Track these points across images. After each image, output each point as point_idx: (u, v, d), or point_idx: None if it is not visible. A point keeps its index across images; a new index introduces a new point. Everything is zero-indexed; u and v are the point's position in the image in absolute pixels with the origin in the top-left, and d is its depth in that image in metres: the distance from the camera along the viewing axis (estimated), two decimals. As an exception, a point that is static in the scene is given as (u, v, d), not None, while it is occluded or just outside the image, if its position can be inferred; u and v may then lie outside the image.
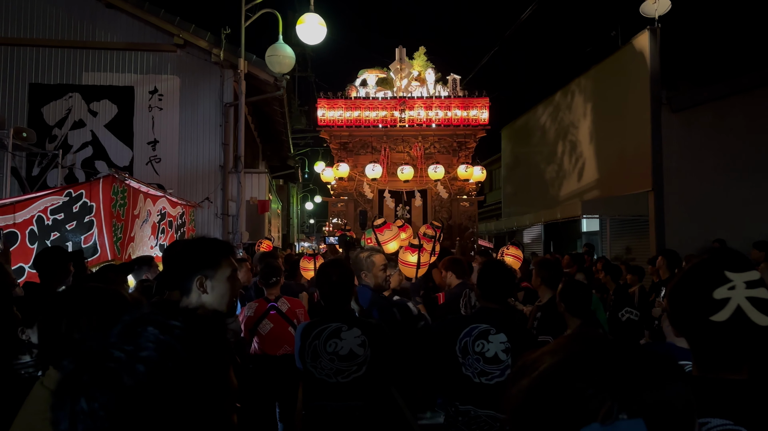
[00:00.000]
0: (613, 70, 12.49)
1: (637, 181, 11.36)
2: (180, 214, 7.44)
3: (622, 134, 11.92)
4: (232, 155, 10.56)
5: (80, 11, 10.29)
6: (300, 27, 9.52)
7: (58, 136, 10.12)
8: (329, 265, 3.06)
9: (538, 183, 15.78)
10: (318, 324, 2.88)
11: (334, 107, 9.96)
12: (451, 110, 10.35)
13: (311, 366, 2.81)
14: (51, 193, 5.00)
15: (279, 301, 4.51)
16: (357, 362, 2.78)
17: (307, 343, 2.84)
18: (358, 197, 10.56)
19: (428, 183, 10.53)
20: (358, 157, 10.55)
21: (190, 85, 10.53)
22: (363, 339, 2.80)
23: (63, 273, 3.73)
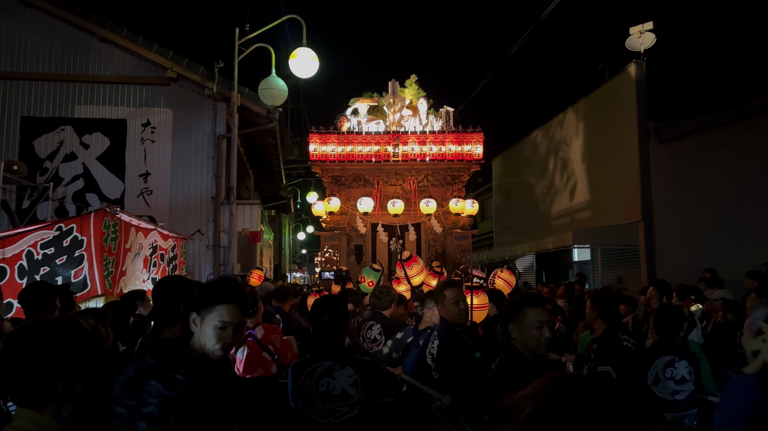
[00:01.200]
0: (601, 103, 12.70)
1: (627, 211, 11.45)
2: (171, 247, 7.41)
3: (612, 165, 12.06)
4: (224, 187, 10.57)
5: (74, 45, 10.38)
6: (293, 61, 9.64)
7: (50, 169, 10.11)
8: (321, 302, 3.00)
9: (530, 213, 15.87)
10: (310, 362, 2.81)
11: (326, 142, 9.99)
12: (446, 145, 10.38)
13: (303, 406, 2.74)
14: (41, 227, 4.97)
15: (256, 328, 4.73)
16: (350, 402, 2.71)
17: (299, 382, 2.76)
18: (350, 231, 10.52)
19: (422, 217, 10.53)
20: (350, 190, 10.55)
21: (183, 118, 10.59)
22: (356, 379, 2.74)
23: (48, 307, 3.68)
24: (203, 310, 1.96)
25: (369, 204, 9.92)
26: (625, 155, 11.58)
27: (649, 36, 11.64)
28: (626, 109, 11.60)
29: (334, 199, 9.97)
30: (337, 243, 10.61)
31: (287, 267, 25.33)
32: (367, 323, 4.85)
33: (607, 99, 12.46)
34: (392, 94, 10.56)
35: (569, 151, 13.91)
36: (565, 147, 14.12)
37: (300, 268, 31.95)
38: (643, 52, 11.62)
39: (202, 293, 2.02)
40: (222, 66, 10.43)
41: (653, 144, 11.23)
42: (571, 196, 13.70)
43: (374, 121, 10.66)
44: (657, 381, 3.64)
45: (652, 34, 11.65)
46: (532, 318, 2.68)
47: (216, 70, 10.38)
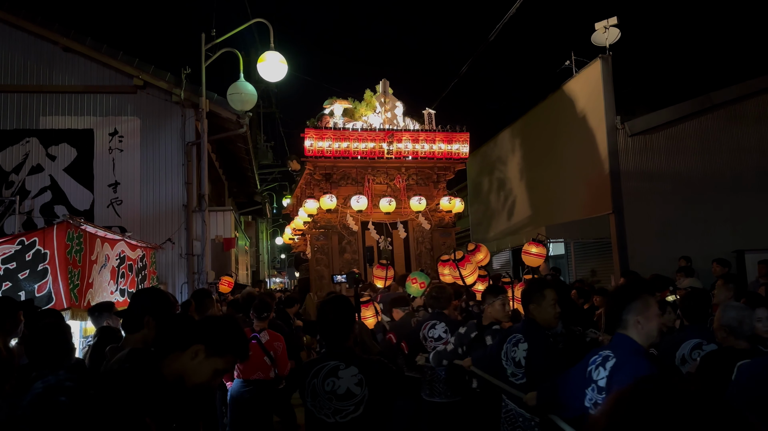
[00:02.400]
0: (569, 98, 12.85)
1: (598, 205, 11.60)
2: (140, 257, 7.31)
3: (582, 159, 12.21)
4: (195, 194, 10.46)
5: (37, 55, 10.20)
6: (261, 65, 9.60)
7: (16, 182, 9.92)
8: (328, 303, 3.04)
9: (504, 209, 15.98)
10: (317, 362, 2.87)
11: (323, 137, 9.86)
12: (436, 143, 10.47)
13: (311, 405, 2.80)
14: (2, 241, 4.89)
15: (262, 333, 5.03)
16: (354, 401, 2.74)
17: (307, 381, 2.82)
18: (342, 230, 10.42)
19: (410, 214, 10.53)
20: (339, 189, 10.46)
21: (151, 126, 10.46)
22: (360, 378, 2.77)
23: (12, 323, 3.62)
24: (213, 350, 1.93)
25: (364, 202, 9.85)
26: (595, 149, 11.73)
27: (613, 31, 11.81)
28: (594, 104, 11.76)
29: (329, 197, 9.84)
30: (327, 242, 10.47)
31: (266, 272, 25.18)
32: (429, 323, 4.81)
33: (575, 94, 12.62)
34: (383, 93, 10.56)
35: (540, 146, 14.05)
36: (536, 143, 14.26)
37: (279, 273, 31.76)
38: (608, 47, 11.79)
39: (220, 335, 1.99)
40: (189, 72, 10.32)
41: (622, 137, 11.40)
42: (543, 191, 13.84)
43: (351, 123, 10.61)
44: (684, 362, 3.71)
45: (616, 29, 11.82)
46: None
47: (183, 77, 10.28)
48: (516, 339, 3.50)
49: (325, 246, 10.52)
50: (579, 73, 12.50)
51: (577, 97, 12.54)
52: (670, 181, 11.32)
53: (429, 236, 10.90)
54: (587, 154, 12.00)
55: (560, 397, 2.79)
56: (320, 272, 10.40)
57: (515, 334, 3.55)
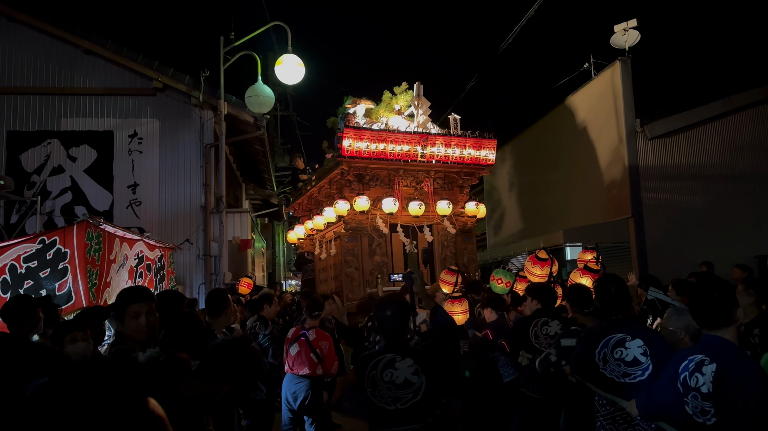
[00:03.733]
0: (588, 101, 12.74)
1: (617, 208, 11.48)
2: (159, 257, 7.37)
3: (601, 162, 12.10)
4: (213, 195, 10.54)
5: (59, 58, 10.35)
6: (279, 68, 9.66)
7: (37, 183, 10.06)
8: (386, 300, 3.29)
9: (521, 213, 15.89)
10: (374, 355, 3.12)
11: (361, 138, 9.85)
12: (466, 149, 10.49)
13: (371, 395, 3.02)
14: (24, 240, 4.95)
15: (310, 331, 5.35)
16: (413, 389, 2.96)
17: (366, 373, 3.05)
18: (372, 232, 10.39)
19: (435, 218, 10.51)
20: (369, 190, 10.43)
21: (170, 128, 10.56)
22: (416, 368, 2.99)
23: (32, 321, 3.66)
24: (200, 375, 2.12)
25: (394, 205, 9.86)
26: (614, 152, 11.62)
27: (633, 33, 11.71)
28: (613, 107, 11.65)
29: (362, 198, 9.81)
30: (357, 244, 10.43)
31: (282, 274, 25.27)
32: (539, 320, 4.84)
33: (594, 97, 12.51)
34: (418, 96, 10.53)
35: (558, 150, 13.95)
36: (554, 146, 14.16)
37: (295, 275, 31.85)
38: (628, 50, 11.68)
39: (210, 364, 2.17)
40: (208, 75, 10.42)
41: (641, 140, 11.29)
42: (561, 194, 13.73)
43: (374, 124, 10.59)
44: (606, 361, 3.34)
45: (636, 32, 11.72)
46: None
47: (202, 79, 10.37)
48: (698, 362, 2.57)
49: (355, 248, 10.43)
50: (598, 76, 12.40)
51: (595, 100, 12.44)
52: (691, 185, 11.18)
53: (453, 240, 10.86)
54: (606, 157, 11.89)
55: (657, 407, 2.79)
56: (350, 274, 10.29)
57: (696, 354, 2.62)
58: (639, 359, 3.24)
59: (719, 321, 2.54)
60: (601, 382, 3.36)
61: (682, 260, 10.11)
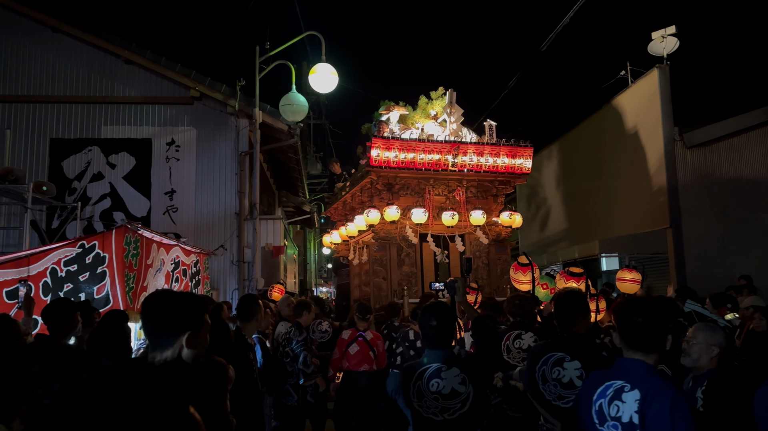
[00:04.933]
0: (625, 109, 12.53)
1: (654, 219, 11.24)
2: (194, 262, 7.49)
3: (638, 172, 11.87)
4: (247, 202, 10.68)
5: (100, 68, 10.65)
6: (313, 77, 9.74)
7: (78, 189, 10.33)
8: (431, 308, 3.19)
9: (555, 222, 15.68)
10: (419, 365, 3.05)
11: (390, 147, 9.83)
12: (500, 157, 10.33)
13: (418, 406, 2.96)
14: (65, 244, 5.07)
15: (366, 332, 6.12)
16: (460, 399, 2.91)
17: (411, 383, 2.99)
18: (401, 241, 10.35)
19: (467, 228, 10.38)
20: (399, 199, 10.37)
21: (206, 136, 10.75)
22: (463, 377, 2.94)
23: (70, 323, 3.74)
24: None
25: (423, 215, 9.78)
26: (651, 161, 11.39)
27: (671, 40, 11.49)
28: (651, 115, 11.43)
29: (392, 208, 9.78)
30: (385, 254, 10.39)
31: (313, 281, 25.40)
32: (512, 333, 4.70)
33: (631, 105, 12.30)
34: (450, 104, 10.46)
35: (594, 158, 13.74)
36: (589, 155, 13.95)
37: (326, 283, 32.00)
38: (666, 57, 11.46)
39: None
40: (243, 84, 10.58)
41: (679, 149, 11.04)
42: (596, 204, 13.51)
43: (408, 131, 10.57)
44: (544, 380, 3.18)
45: (674, 38, 11.49)
46: None
47: (238, 88, 10.53)
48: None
49: (384, 257, 10.38)
50: (635, 83, 12.19)
51: (632, 108, 12.23)
52: (731, 195, 10.88)
53: (486, 251, 10.69)
54: (643, 166, 11.66)
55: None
56: (378, 284, 10.23)
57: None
58: (575, 382, 3.06)
59: (644, 345, 2.29)
60: (542, 402, 3.23)
61: (721, 272, 9.82)
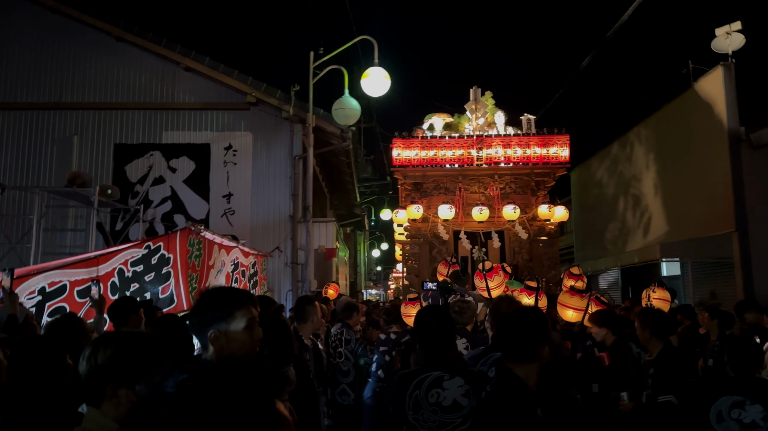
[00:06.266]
0: (687, 108, 12.10)
1: (718, 222, 10.78)
2: (252, 263, 7.64)
3: (701, 173, 11.42)
4: (301, 205, 10.83)
5: (161, 75, 11.01)
6: (365, 80, 9.79)
7: (140, 192, 10.70)
8: (428, 312, 3.00)
9: (613, 226, 15.26)
10: (418, 373, 2.77)
11: (410, 146, 9.87)
12: (530, 147, 10.05)
13: (413, 419, 2.67)
14: (131, 245, 5.25)
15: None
16: (462, 414, 2.62)
17: (408, 393, 2.70)
18: (432, 239, 10.36)
19: (505, 224, 10.24)
20: (431, 199, 10.38)
21: (262, 140, 10.97)
22: (467, 389, 2.65)
23: (135, 320, 3.87)
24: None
25: (450, 211, 9.74)
26: (716, 162, 10.94)
27: (737, 37, 11.01)
28: (715, 114, 10.98)
29: (416, 205, 9.83)
30: (418, 251, 10.42)
31: (363, 283, 25.53)
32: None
33: (694, 104, 11.85)
34: (474, 101, 10.45)
35: (653, 159, 13.31)
36: (649, 156, 13.53)
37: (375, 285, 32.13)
38: (731, 54, 11.00)
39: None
40: (298, 89, 10.74)
41: (745, 150, 10.56)
42: (658, 206, 13.08)
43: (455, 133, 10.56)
44: (720, 419, 3.06)
45: (740, 35, 11.02)
46: None
47: (292, 93, 10.71)
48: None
49: (416, 254, 10.43)
50: (698, 82, 11.74)
51: (695, 107, 11.78)
52: (802, 197, 10.33)
53: (527, 247, 10.48)
54: (707, 167, 11.21)
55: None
56: (410, 280, 10.31)
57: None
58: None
59: (518, 354, 2.39)
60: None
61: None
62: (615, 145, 15.38)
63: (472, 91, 10.55)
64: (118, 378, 1.64)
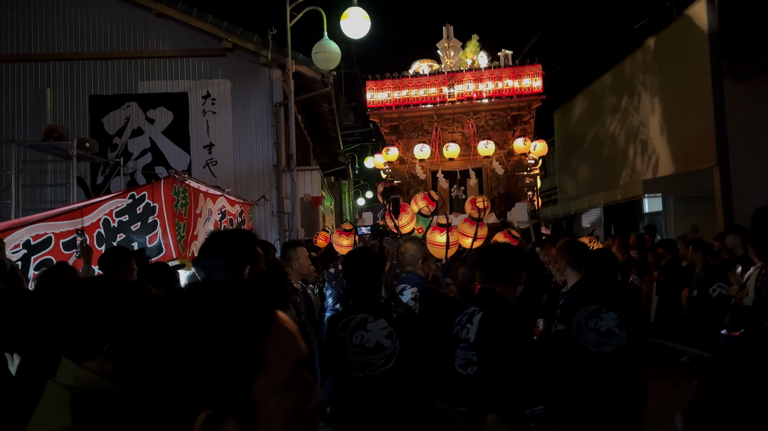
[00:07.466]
0: (670, 43, 12.01)
1: (700, 157, 10.89)
2: (239, 212, 7.60)
3: (683, 108, 11.45)
4: (284, 154, 10.70)
5: (133, 22, 10.62)
6: (344, 21, 9.53)
7: (119, 145, 10.49)
8: (355, 254, 3.00)
9: (595, 165, 15.36)
10: (344, 315, 2.80)
11: (382, 88, 9.76)
12: (503, 80, 9.90)
13: (338, 360, 2.71)
14: (115, 196, 5.18)
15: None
16: (385, 355, 2.64)
17: (333, 336, 2.73)
18: (410, 179, 10.36)
19: (482, 161, 10.24)
20: (409, 141, 10.34)
21: (241, 88, 10.72)
22: (390, 331, 2.66)
23: (127, 271, 3.84)
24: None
25: (427, 150, 9.71)
26: (698, 96, 10.95)
27: (721, -32, 10.85)
28: (698, 48, 10.93)
29: (392, 149, 9.79)
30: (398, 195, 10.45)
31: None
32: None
33: (677, 38, 11.77)
34: (447, 38, 10.29)
35: (636, 96, 13.29)
36: (632, 92, 13.50)
37: (362, 233, 32.20)
38: (714, -15, 10.86)
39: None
40: (275, 33, 10.45)
41: (728, 83, 10.57)
42: (640, 143, 13.14)
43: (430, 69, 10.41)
44: (579, 330, 3.16)
45: (724, -34, 10.85)
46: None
47: (269, 37, 10.42)
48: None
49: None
50: (681, 16, 11.62)
51: (678, 41, 11.70)
52: (783, 129, 10.42)
53: (505, 182, 10.48)
54: (689, 101, 11.23)
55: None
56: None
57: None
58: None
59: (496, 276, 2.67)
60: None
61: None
62: (598, 82, 15.31)
63: (444, 29, 10.37)
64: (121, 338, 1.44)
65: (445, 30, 10.34)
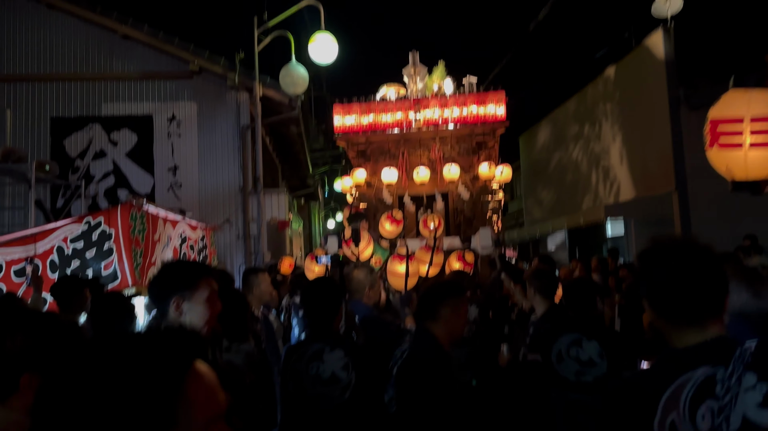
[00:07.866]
0: (629, 71, 12.38)
1: (660, 182, 11.18)
2: (201, 237, 7.50)
3: (642, 135, 11.78)
4: (251, 177, 10.65)
5: (97, 44, 10.52)
6: (312, 46, 9.60)
7: (81, 167, 10.31)
8: (314, 284, 3.02)
9: (560, 189, 15.63)
10: (300, 346, 2.79)
11: (349, 112, 9.84)
12: (467, 106, 10.09)
13: (294, 390, 2.67)
14: (70, 222, 5.08)
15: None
16: (340, 387, 2.60)
17: (289, 366, 2.71)
18: (377, 203, 10.40)
19: (448, 185, 10.35)
20: (377, 165, 10.40)
21: (207, 110, 10.67)
22: (346, 362, 2.62)
23: (79, 300, 3.76)
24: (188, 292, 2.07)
25: (393, 174, 9.79)
26: (656, 123, 11.29)
27: (676, 1, 11.27)
28: (655, 77, 11.29)
29: (359, 170, 9.84)
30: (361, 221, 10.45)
31: (319, 255, 25.45)
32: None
33: (635, 67, 12.14)
34: (413, 65, 10.43)
35: (597, 122, 13.63)
36: (593, 119, 13.84)
37: (332, 256, 32.05)
38: (670, 18, 11.26)
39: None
40: (243, 56, 10.46)
41: (684, 111, 10.92)
42: (602, 169, 13.44)
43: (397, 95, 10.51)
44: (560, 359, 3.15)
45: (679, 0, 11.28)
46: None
47: (237, 61, 10.42)
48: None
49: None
50: (639, 46, 12.01)
51: (636, 70, 12.08)
52: (738, 156, 10.77)
53: (470, 206, 10.61)
54: (648, 128, 11.56)
55: None
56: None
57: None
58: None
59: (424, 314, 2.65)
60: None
61: (729, 235, 9.80)
62: (560, 109, 15.67)
63: (410, 55, 10.52)
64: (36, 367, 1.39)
65: (411, 56, 10.48)
